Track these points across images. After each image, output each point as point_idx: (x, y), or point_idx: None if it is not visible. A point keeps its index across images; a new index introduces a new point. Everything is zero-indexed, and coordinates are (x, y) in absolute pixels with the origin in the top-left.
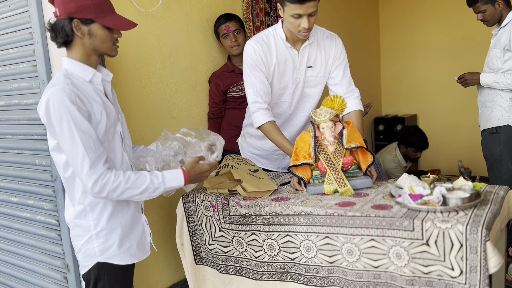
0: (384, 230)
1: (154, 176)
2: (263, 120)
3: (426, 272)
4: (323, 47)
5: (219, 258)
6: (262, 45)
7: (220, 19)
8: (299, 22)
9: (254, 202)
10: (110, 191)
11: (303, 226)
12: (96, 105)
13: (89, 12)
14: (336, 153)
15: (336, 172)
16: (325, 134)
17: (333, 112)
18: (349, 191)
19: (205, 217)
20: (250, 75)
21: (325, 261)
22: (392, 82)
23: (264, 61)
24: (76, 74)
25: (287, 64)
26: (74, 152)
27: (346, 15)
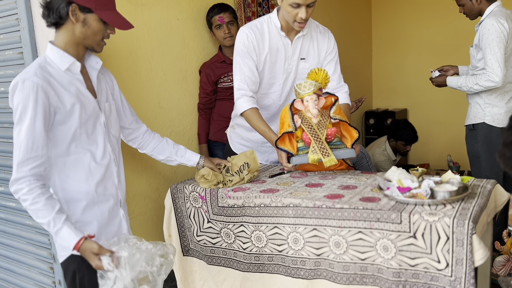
0: (372, 223)
1: (55, 221)
2: (246, 106)
3: (412, 265)
4: (316, 40)
5: (207, 249)
6: (256, 32)
7: (213, 9)
8: (297, 12)
9: (243, 193)
10: (21, 199)
11: (291, 218)
12: (68, 96)
13: (90, 1)
14: (320, 125)
15: (320, 142)
16: (309, 107)
17: (317, 85)
18: (333, 161)
19: (194, 208)
20: (240, 62)
21: (312, 253)
22: (383, 76)
23: (256, 49)
24: (53, 62)
25: (279, 53)
26: (17, 144)
27: (338, 9)
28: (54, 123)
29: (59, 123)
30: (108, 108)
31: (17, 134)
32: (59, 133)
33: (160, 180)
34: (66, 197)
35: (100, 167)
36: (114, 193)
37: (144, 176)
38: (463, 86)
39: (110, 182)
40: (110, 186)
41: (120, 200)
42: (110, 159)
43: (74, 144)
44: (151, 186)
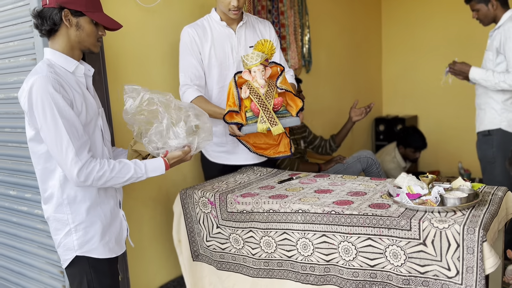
0: (381, 229)
1: (138, 166)
2: (192, 96)
3: (422, 272)
4: (258, 29)
5: (216, 254)
6: (197, 29)
7: None
8: (229, 0)
9: (252, 199)
10: (95, 180)
11: (300, 224)
12: (78, 96)
13: (80, 5)
14: (267, 95)
15: (268, 112)
16: (256, 77)
17: (264, 56)
18: (280, 129)
19: (203, 213)
20: (183, 59)
21: (321, 259)
22: (393, 82)
23: (199, 44)
24: (58, 64)
25: (224, 44)
26: (58, 140)
27: (348, 15)
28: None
29: None
30: (102, 113)
31: (53, 131)
32: None
33: (170, 185)
34: (69, 197)
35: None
36: (113, 194)
37: (154, 181)
38: (488, 79)
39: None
40: (110, 188)
41: (119, 201)
42: (110, 159)
43: None
44: (161, 191)
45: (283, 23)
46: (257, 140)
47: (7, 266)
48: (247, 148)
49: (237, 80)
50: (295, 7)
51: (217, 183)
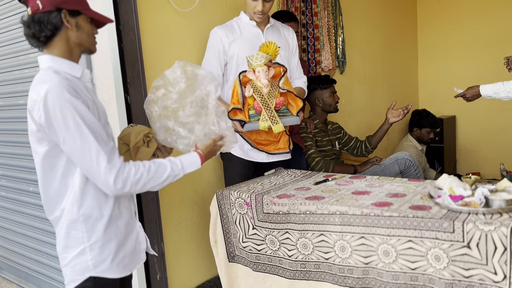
0: (423, 231)
1: (174, 163)
2: None
3: (467, 276)
4: (282, 33)
5: (252, 256)
6: (226, 30)
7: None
8: (255, 4)
9: (288, 200)
10: (133, 184)
11: (338, 225)
12: (90, 102)
13: (75, 3)
14: (270, 94)
15: (270, 111)
16: (260, 77)
17: (268, 57)
18: (280, 128)
19: (239, 214)
20: (206, 58)
21: (360, 261)
22: (430, 82)
23: (226, 45)
24: (63, 71)
25: (254, 42)
26: (86, 149)
27: (382, 14)
28: None
29: None
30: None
31: (80, 140)
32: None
33: (206, 187)
34: (85, 214)
35: None
36: (127, 205)
37: (190, 183)
38: (499, 90)
39: (123, 197)
40: (123, 201)
41: (134, 211)
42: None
43: None
44: (197, 193)
45: (316, 24)
46: (258, 137)
47: (39, 259)
48: (248, 143)
49: (242, 79)
50: (329, 8)
51: (252, 184)
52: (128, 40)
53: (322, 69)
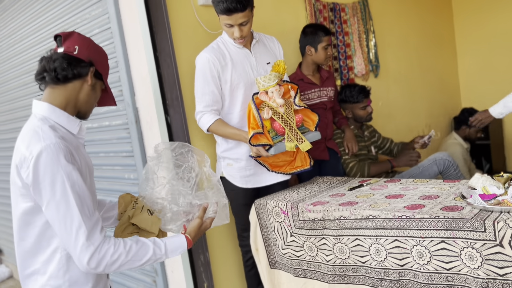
0: (454, 232)
1: (157, 246)
2: (211, 120)
3: (501, 274)
4: (269, 47)
5: (292, 262)
6: (216, 54)
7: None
8: (232, 30)
9: (322, 207)
10: (107, 265)
11: (372, 229)
12: (82, 160)
13: (103, 69)
14: (288, 113)
15: (293, 130)
16: (274, 97)
17: (279, 76)
18: (308, 145)
19: (277, 222)
20: (203, 87)
21: (395, 264)
22: (471, 79)
23: (219, 70)
24: (60, 125)
25: (244, 65)
26: (68, 220)
27: (416, 15)
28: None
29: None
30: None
31: (63, 209)
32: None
33: None
34: (71, 280)
35: None
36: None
37: None
38: (508, 102)
39: None
40: None
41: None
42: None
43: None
44: None
45: (346, 31)
46: (276, 159)
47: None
48: (265, 167)
49: (256, 102)
50: (358, 14)
51: (288, 193)
52: (165, 65)
53: (355, 74)
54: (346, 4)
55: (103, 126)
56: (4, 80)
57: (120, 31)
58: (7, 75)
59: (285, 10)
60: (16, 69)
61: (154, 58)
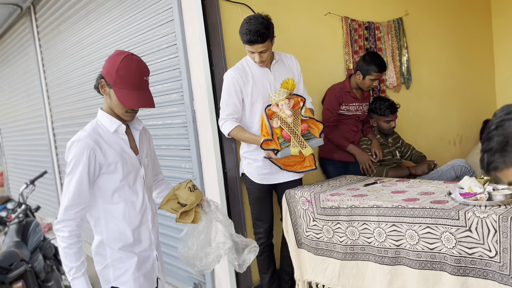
0: (437, 219)
1: (79, 268)
2: (232, 126)
3: (470, 253)
4: (287, 64)
5: (313, 243)
6: (239, 72)
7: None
8: (253, 56)
9: (339, 197)
10: (58, 239)
11: (375, 216)
12: (113, 155)
13: (110, 79)
14: (295, 123)
15: (297, 137)
16: (283, 109)
17: (288, 91)
18: (310, 151)
19: (302, 210)
20: (227, 99)
21: (393, 244)
22: (510, 90)
23: (241, 85)
24: (103, 125)
25: (264, 81)
26: (65, 188)
27: (453, 28)
28: (100, 175)
29: (105, 176)
30: (147, 162)
31: (67, 183)
32: (105, 184)
33: None
34: (108, 237)
35: (138, 215)
36: (147, 236)
37: None
38: None
39: (144, 227)
40: (144, 231)
41: (153, 242)
42: (147, 207)
43: (117, 194)
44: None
45: (380, 48)
46: (286, 160)
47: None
48: (278, 166)
49: (267, 113)
50: (392, 32)
51: (313, 186)
52: (219, 77)
53: (387, 86)
54: (381, 23)
55: (166, 123)
56: (83, 81)
57: (184, 47)
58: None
59: (323, 27)
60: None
61: (210, 71)
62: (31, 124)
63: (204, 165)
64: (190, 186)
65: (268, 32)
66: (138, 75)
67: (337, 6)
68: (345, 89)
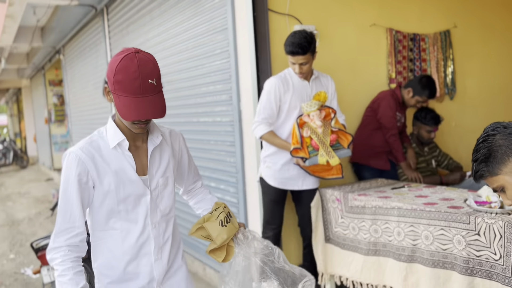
0: (450, 223)
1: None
2: (265, 130)
3: (477, 255)
4: (324, 82)
5: (340, 238)
6: (282, 80)
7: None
8: (294, 67)
9: (365, 197)
10: (54, 267)
11: (396, 217)
12: (107, 175)
13: (111, 84)
14: (324, 133)
15: (326, 147)
16: (314, 120)
17: (319, 103)
18: (337, 161)
19: (332, 208)
20: (265, 104)
21: (410, 243)
22: None
23: (282, 93)
24: (106, 136)
25: (302, 92)
26: (58, 209)
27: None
28: (95, 196)
29: (98, 198)
30: (163, 183)
31: (60, 201)
32: (98, 207)
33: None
34: (99, 268)
35: (134, 246)
36: (147, 271)
37: None
38: None
39: (145, 260)
40: (143, 264)
41: (155, 279)
42: (148, 237)
43: (113, 219)
44: None
45: (424, 58)
46: (315, 167)
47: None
48: (307, 173)
49: (299, 122)
50: (438, 43)
51: (344, 187)
52: (264, 83)
53: None
54: (427, 34)
55: (216, 121)
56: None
57: (235, 53)
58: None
59: (368, 37)
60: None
61: (256, 76)
62: (97, 114)
63: (246, 160)
64: (222, 218)
65: (309, 46)
66: (140, 78)
67: (382, 17)
68: (398, 99)
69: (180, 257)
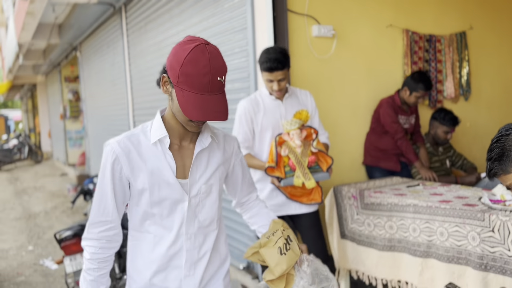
0: (465, 219)
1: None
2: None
3: (491, 252)
4: (300, 99)
5: (356, 234)
6: (252, 103)
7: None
8: (271, 85)
9: (381, 194)
10: (84, 256)
11: (411, 213)
12: (141, 173)
13: (174, 76)
14: (303, 154)
15: (303, 168)
16: (294, 139)
17: (300, 122)
18: (313, 184)
19: (348, 204)
20: (238, 127)
21: (425, 239)
22: None
23: (252, 115)
24: (148, 131)
25: (275, 112)
26: (94, 200)
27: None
28: (131, 193)
29: (134, 196)
30: (206, 190)
31: (96, 192)
32: (135, 205)
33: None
34: (130, 270)
35: (164, 255)
36: (176, 287)
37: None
38: None
39: (174, 274)
40: (172, 279)
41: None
42: (181, 249)
43: (148, 221)
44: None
45: (439, 59)
46: (293, 190)
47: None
48: (284, 195)
49: (278, 140)
50: (454, 45)
51: (359, 184)
52: None
53: (444, 97)
54: (442, 35)
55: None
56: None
57: (253, 52)
58: None
59: (384, 38)
60: None
61: None
62: (114, 111)
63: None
64: (280, 245)
65: (286, 61)
66: (210, 73)
67: (399, 18)
68: (395, 104)
69: (222, 277)
